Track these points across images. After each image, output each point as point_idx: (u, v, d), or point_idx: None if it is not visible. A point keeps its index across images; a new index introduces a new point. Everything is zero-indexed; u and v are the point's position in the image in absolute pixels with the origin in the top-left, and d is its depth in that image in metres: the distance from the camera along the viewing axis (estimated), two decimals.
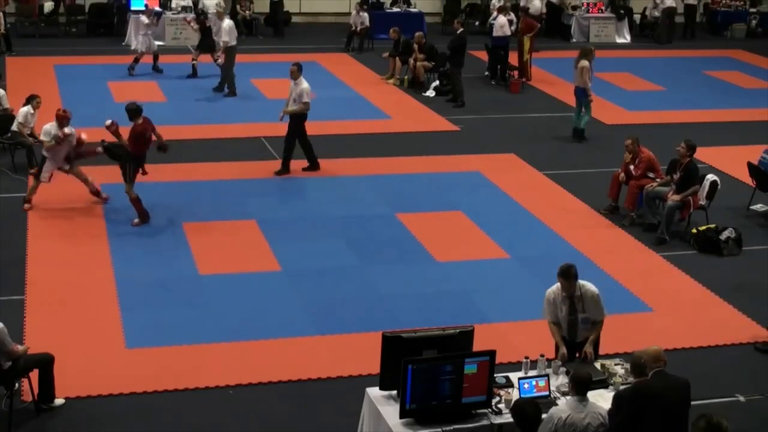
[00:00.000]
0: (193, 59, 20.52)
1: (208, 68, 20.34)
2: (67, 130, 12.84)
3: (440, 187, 14.59)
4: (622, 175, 13.55)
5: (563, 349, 8.40)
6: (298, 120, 14.61)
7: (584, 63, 16.94)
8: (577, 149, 16.91)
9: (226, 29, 19.11)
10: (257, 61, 20.28)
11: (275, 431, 8.57)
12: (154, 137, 12.68)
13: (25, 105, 14.63)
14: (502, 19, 21.30)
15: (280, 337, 10.03)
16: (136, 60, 20.51)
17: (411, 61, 20.74)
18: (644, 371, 7.10)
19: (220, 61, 19.07)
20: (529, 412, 6.74)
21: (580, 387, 7.08)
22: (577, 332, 8.48)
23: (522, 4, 24.47)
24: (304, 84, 14.55)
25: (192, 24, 21.01)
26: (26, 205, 13.02)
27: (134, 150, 12.47)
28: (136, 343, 9.76)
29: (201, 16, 21.17)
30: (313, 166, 14.86)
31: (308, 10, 27.83)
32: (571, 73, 22.15)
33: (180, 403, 8.84)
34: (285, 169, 14.68)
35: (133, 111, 12.56)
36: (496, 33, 21.23)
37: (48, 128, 12.80)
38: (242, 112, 17.43)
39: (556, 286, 8.46)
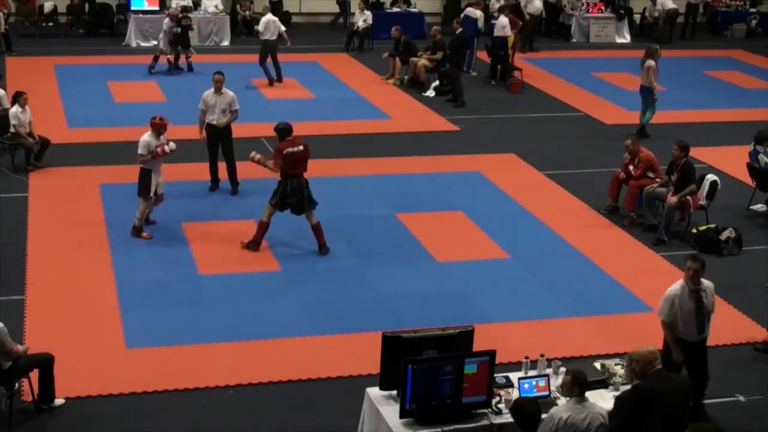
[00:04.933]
0: (187, 57, 20.81)
1: (205, 68, 20.33)
2: (163, 140, 12.12)
3: (440, 187, 14.59)
4: (622, 174, 13.56)
5: (679, 354, 8.43)
6: (230, 130, 13.89)
7: (651, 63, 17.10)
8: (577, 149, 16.91)
9: (263, 21, 20.04)
10: (257, 61, 20.29)
11: (275, 431, 8.58)
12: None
13: (12, 105, 14.59)
14: (503, 20, 21.33)
15: (280, 337, 10.04)
16: (177, 58, 20.80)
17: (414, 59, 20.74)
18: (636, 374, 7.13)
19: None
20: (529, 410, 6.74)
21: (578, 387, 7.08)
22: (705, 326, 8.49)
23: (522, 3, 24.49)
24: (231, 92, 13.90)
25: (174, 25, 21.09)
26: (144, 234, 12.27)
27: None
28: (136, 343, 9.77)
29: (184, 18, 21.19)
30: (237, 189, 14.09)
31: (308, 10, 27.82)
32: (571, 73, 22.40)
33: (180, 403, 8.85)
34: (216, 184, 14.10)
35: (282, 130, 11.96)
36: (496, 33, 21.26)
37: (146, 140, 11.99)
38: (242, 112, 17.37)
39: (680, 284, 8.44)
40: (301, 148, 11.97)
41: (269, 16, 20.28)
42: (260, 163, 12.19)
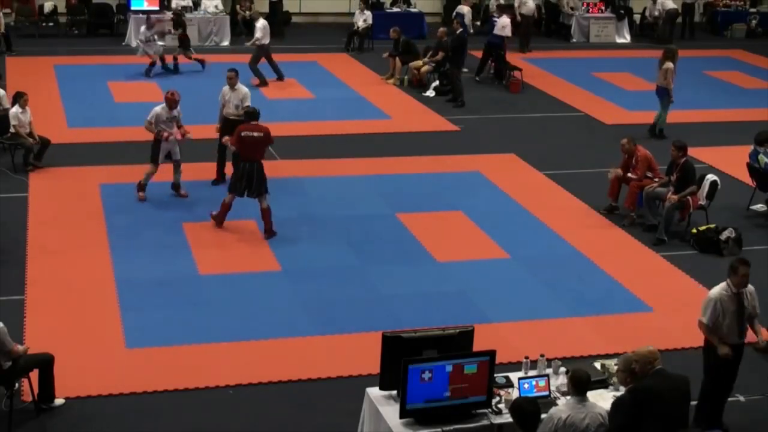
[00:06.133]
0: (174, 57, 20.83)
1: (208, 67, 20.36)
2: (176, 113, 13.20)
3: (440, 187, 14.59)
4: (619, 172, 13.56)
5: (726, 349, 8.32)
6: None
7: (669, 65, 17.15)
8: (577, 149, 16.91)
9: (259, 27, 19.91)
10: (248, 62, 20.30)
11: (275, 431, 8.58)
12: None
13: (12, 105, 14.60)
14: (505, 20, 21.36)
15: (280, 337, 10.04)
16: (153, 63, 20.56)
17: (419, 62, 20.75)
18: (636, 374, 7.14)
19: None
20: (528, 410, 6.73)
21: (579, 387, 7.08)
22: (744, 330, 8.39)
23: (516, 4, 24.50)
24: (245, 88, 14.23)
25: (169, 27, 20.99)
26: (141, 194, 13.22)
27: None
28: (136, 343, 9.77)
29: (179, 16, 21.14)
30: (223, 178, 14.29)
31: (308, 10, 27.83)
32: (571, 73, 22.40)
33: (180, 403, 8.85)
34: (222, 178, 14.28)
35: (248, 114, 12.70)
36: (496, 32, 21.28)
37: (157, 110, 13.11)
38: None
39: (721, 287, 8.33)
40: (260, 134, 12.43)
41: (265, 21, 20.30)
42: (226, 144, 13.06)
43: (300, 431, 8.59)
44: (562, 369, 8.14)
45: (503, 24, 21.28)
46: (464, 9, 22.81)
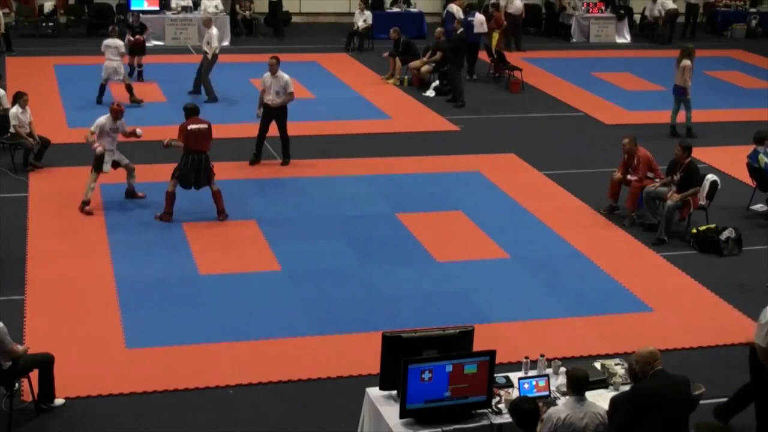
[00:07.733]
0: (130, 63, 20.28)
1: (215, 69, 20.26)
2: (119, 125, 13.24)
3: (440, 187, 14.59)
4: (618, 175, 13.56)
5: None
6: (285, 111, 14.91)
7: (686, 62, 17.19)
8: (577, 149, 16.91)
9: (215, 35, 19.04)
10: (257, 61, 20.25)
11: (275, 431, 8.58)
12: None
13: (12, 105, 14.60)
14: (480, 17, 21.39)
15: (280, 337, 10.04)
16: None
17: (418, 62, 20.73)
18: (636, 374, 7.16)
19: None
20: (527, 408, 6.74)
21: (577, 386, 7.09)
22: None
23: (502, 3, 24.48)
24: (286, 75, 14.78)
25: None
26: (87, 208, 12.93)
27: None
28: (136, 343, 9.77)
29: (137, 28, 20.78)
30: (288, 161, 15.25)
31: (308, 10, 27.84)
32: (571, 73, 22.39)
33: (180, 403, 8.85)
34: (258, 158, 15.17)
35: (189, 110, 12.91)
36: (477, 30, 21.25)
37: (101, 121, 13.09)
38: (242, 112, 17.45)
39: None
40: (205, 126, 12.80)
41: (216, 30, 19.35)
42: (170, 144, 12.95)
43: (300, 431, 8.59)
44: (562, 369, 8.14)
45: (480, 21, 21.32)
46: (453, 7, 22.72)
